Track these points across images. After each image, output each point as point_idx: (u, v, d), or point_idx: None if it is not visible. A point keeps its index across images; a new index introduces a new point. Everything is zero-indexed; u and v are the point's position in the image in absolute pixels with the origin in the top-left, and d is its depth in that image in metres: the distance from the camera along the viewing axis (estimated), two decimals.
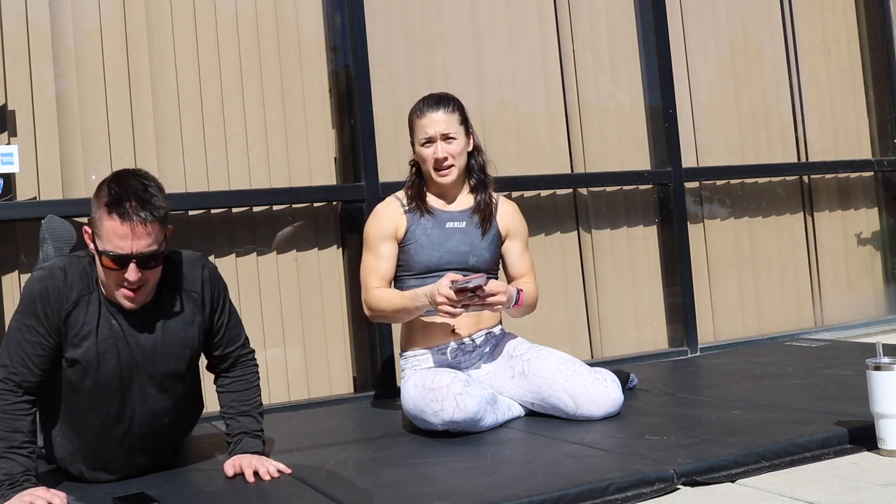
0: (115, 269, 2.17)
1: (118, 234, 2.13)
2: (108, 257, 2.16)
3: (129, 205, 2.13)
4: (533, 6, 4.13)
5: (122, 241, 2.13)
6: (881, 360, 2.26)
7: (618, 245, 4.21)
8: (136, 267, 2.16)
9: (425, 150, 2.89)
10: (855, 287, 4.82)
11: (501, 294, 2.72)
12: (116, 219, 2.13)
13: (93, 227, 2.20)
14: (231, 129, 3.53)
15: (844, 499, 1.94)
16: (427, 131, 2.87)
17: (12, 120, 3.22)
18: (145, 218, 2.14)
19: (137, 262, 2.16)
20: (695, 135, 4.43)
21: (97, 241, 2.18)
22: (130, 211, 2.12)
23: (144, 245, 2.15)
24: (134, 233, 2.13)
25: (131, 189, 2.15)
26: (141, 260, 2.16)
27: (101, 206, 2.16)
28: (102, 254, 2.16)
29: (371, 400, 3.52)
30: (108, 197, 2.14)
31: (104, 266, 2.18)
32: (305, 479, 2.29)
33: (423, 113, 2.90)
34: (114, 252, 2.14)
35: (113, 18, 3.38)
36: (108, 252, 2.15)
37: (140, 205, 2.14)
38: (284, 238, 3.60)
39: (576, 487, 2.04)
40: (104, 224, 2.14)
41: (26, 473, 2.16)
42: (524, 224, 3.08)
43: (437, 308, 2.68)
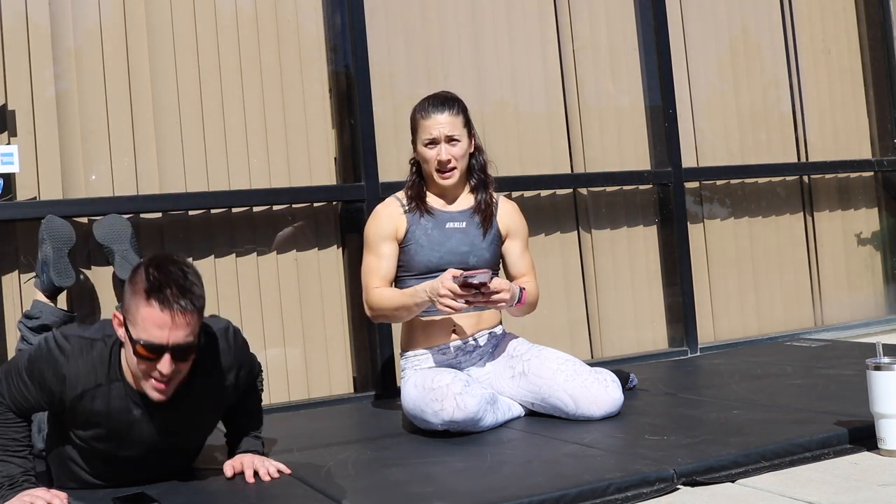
0: (148, 360, 2.05)
1: (156, 323, 2.01)
2: (143, 346, 2.03)
3: (170, 292, 2.01)
4: (533, 6, 4.13)
5: (159, 330, 2.02)
6: (881, 360, 2.26)
7: (618, 245, 4.21)
8: (171, 359, 2.05)
9: (428, 151, 2.89)
10: (855, 287, 4.82)
11: (505, 292, 2.71)
12: (156, 306, 2.01)
13: (126, 313, 2.08)
14: (231, 129, 3.53)
15: (844, 499, 1.94)
16: (431, 133, 2.87)
17: (12, 120, 3.22)
18: (185, 307, 2.02)
19: (173, 353, 2.04)
20: (695, 135, 4.43)
21: (130, 328, 2.06)
22: (171, 298, 2.01)
23: (182, 336, 2.04)
24: (173, 322, 2.02)
25: (172, 276, 2.04)
26: (177, 351, 2.05)
27: (138, 292, 2.03)
28: (136, 342, 2.04)
29: (371, 400, 3.52)
30: (147, 283, 2.02)
31: (137, 355, 2.06)
32: (305, 479, 2.29)
33: (427, 114, 2.88)
34: (149, 342, 2.03)
35: (113, 18, 3.38)
36: (143, 341, 2.03)
37: (181, 293, 2.02)
38: (284, 238, 3.60)
39: (576, 487, 2.04)
40: (140, 311, 2.02)
41: (25, 474, 2.15)
42: (524, 224, 3.08)
43: (439, 301, 2.65)
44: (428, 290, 2.71)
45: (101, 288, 3.27)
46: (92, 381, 2.15)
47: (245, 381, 2.36)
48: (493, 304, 2.74)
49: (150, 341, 2.03)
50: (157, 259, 2.11)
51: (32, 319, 2.95)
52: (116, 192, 3.33)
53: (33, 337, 2.93)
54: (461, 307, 2.67)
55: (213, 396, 2.27)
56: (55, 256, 2.97)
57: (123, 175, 3.36)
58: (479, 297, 2.66)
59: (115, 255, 3.05)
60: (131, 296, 2.06)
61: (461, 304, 2.65)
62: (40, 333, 2.93)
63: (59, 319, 2.97)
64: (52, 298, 3.01)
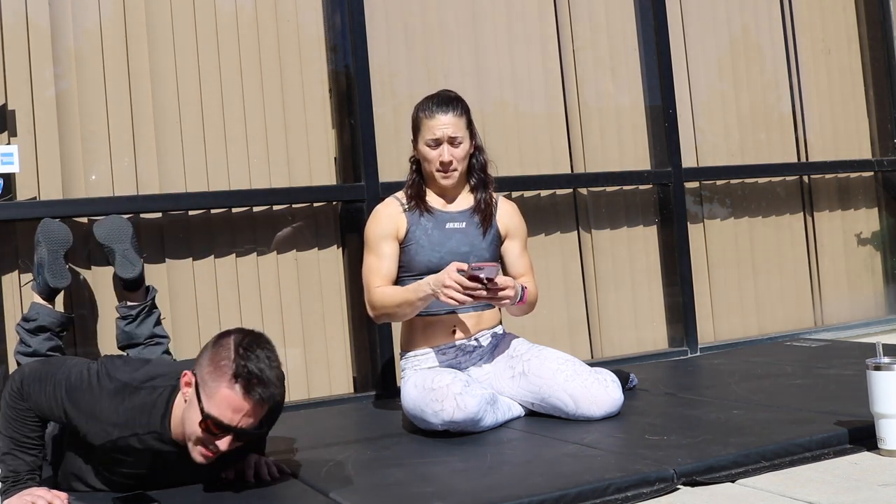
0: (208, 433, 2.05)
1: (233, 407, 2.02)
2: (213, 423, 2.03)
3: (256, 381, 2.02)
4: (533, 6, 4.13)
5: (234, 413, 2.02)
6: (881, 360, 2.26)
7: (618, 245, 4.21)
8: (232, 440, 2.06)
9: (431, 151, 2.88)
10: (855, 287, 4.82)
11: (510, 289, 2.71)
12: (239, 392, 2.02)
13: (201, 380, 2.06)
14: (231, 129, 3.53)
15: (844, 499, 1.94)
16: (434, 133, 2.86)
17: (12, 120, 3.22)
18: (266, 401, 2.04)
19: (236, 436, 2.06)
20: (695, 135, 4.43)
21: (203, 398, 2.04)
22: (256, 389, 2.02)
23: (252, 423, 2.06)
24: (250, 411, 2.03)
25: (263, 364, 2.04)
26: (240, 434, 2.06)
27: (222, 370, 2.03)
28: (207, 417, 2.03)
29: (371, 400, 3.52)
30: (236, 367, 2.02)
31: (201, 427, 2.04)
32: (305, 479, 2.29)
33: (431, 114, 2.87)
34: (220, 421, 2.02)
35: (113, 18, 3.38)
36: (214, 418, 2.02)
37: (266, 386, 2.03)
38: (284, 238, 3.60)
39: (576, 487, 2.04)
40: (221, 390, 2.02)
41: (31, 472, 2.16)
42: (523, 224, 3.08)
43: (443, 293, 2.63)
44: (432, 282, 2.69)
45: (100, 289, 3.27)
46: (128, 430, 2.14)
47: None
48: (497, 301, 2.73)
49: (221, 421, 2.03)
50: (247, 339, 2.08)
51: (30, 322, 2.95)
52: (116, 192, 3.33)
53: (31, 339, 2.93)
54: (466, 300, 2.64)
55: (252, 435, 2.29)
56: (50, 258, 2.97)
57: (123, 175, 3.36)
58: (483, 292, 2.64)
59: (116, 254, 3.06)
60: (213, 369, 2.05)
61: (466, 297, 2.63)
62: (38, 335, 2.93)
63: (56, 321, 2.97)
64: (49, 300, 3.00)
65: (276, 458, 2.42)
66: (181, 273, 3.42)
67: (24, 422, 2.16)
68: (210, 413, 2.02)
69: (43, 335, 2.94)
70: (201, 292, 3.44)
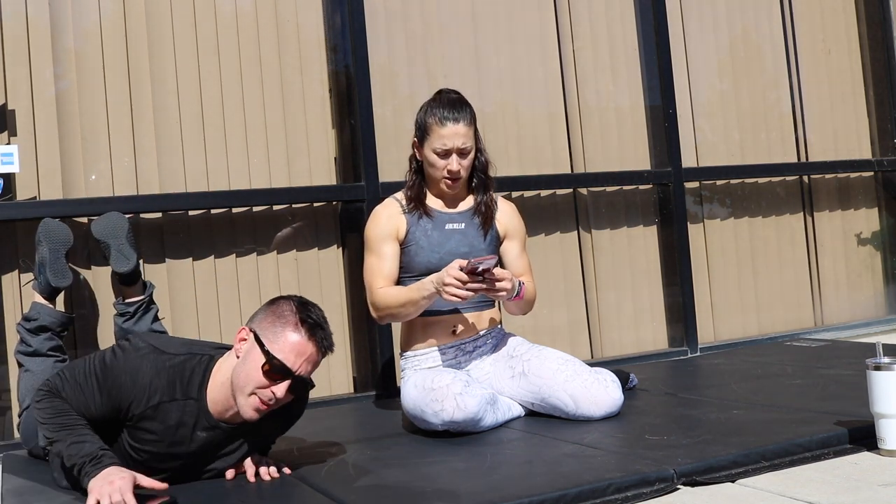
0: (269, 379, 2.09)
1: (297, 350, 2.10)
2: (275, 365, 2.09)
3: (321, 331, 2.14)
4: (533, 6, 4.13)
5: (297, 357, 2.10)
6: (881, 360, 2.26)
7: (618, 245, 4.21)
8: (289, 388, 2.11)
9: (439, 159, 2.86)
10: (855, 287, 4.82)
11: (507, 281, 2.71)
12: (304, 335, 2.11)
13: (261, 331, 2.13)
14: (231, 129, 3.53)
15: (844, 499, 1.94)
16: (445, 143, 2.83)
17: (12, 120, 3.22)
18: (326, 349, 2.16)
19: (293, 383, 2.11)
20: (695, 135, 4.43)
21: (266, 343, 2.11)
22: (319, 336, 2.13)
23: (310, 372, 2.15)
24: (310, 356, 2.12)
25: (322, 319, 2.17)
26: (297, 383, 2.13)
27: (285, 317, 2.13)
28: (271, 358, 2.09)
29: (371, 400, 3.52)
30: (300, 314, 2.13)
31: (263, 371, 2.09)
32: (305, 479, 2.29)
33: (444, 122, 2.82)
34: (283, 364, 2.09)
35: (113, 18, 3.38)
36: (277, 360, 2.09)
37: (328, 337, 2.16)
38: (284, 238, 3.60)
39: (576, 487, 2.04)
40: (287, 333, 2.11)
41: (103, 450, 2.08)
42: (522, 224, 3.08)
43: (445, 291, 2.64)
44: (434, 281, 2.70)
45: (101, 289, 3.28)
46: (168, 395, 2.14)
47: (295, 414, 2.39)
48: (495, 293, 2.73)
49: (284, 364, 2.09)
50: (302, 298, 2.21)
51: (31, 321, 2.95)
52: (116, 192, 3.33)
53: (31, 338, 2.93)
54: (467, 295, 2.65)
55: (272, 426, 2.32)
56: (51, 258, 2.97)
57: (123, 175, 3.36)
58: (482, 284, 2.65)
59: (111, 249, 3.06)
60: (276, 318, 2.14)
61: (468, 292, 2.64)
62: (39, 335, 2.94)
63: (57, 321, 2.97)
64: (50, 300, 3.01)
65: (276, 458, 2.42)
66: (181, 273, 3.42)
67: (66, 413, 2.11)
68: (273, 358, 2.08)
69: (44, 335, 2.94)
70: (201, 292, 3.44)
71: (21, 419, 2.82)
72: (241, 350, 2.15)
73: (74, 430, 2.10)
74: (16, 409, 3.02)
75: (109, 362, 2.14)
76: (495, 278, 2.67)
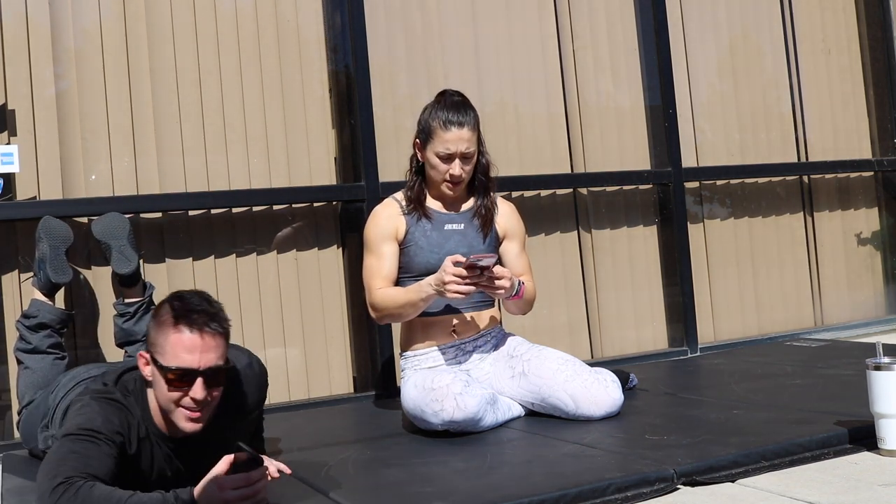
0: (179, 388, 2.00)
1: (186, 347, 1.99)
2: (175, 373, 1.99)
3: (198, 316, 2.01)
4: (533, 6, 4.13)
5: (190, 354, 1.99)
6: (881, 360, 2.26)
7: (618, 245, 4.21)
8: (203, 384, 2.01)
9: (442, 163, 2.85)
10: (855, 287, 4.82)
11: (506, 279, 2.71)
12: (185, 330, 1.99)
13: (153, 348, 2.04)
14: (231, 129, 3.53)
15: (844, 499, 1.94)
16: (448, 148, 2.83)
17: (12, 120, 3.22)
18: (215, 329, 2.02)
19: (205, 378, 2.01)
20: (695, 135, 4.43)
21: (159, 359, 2.01)
22: (199, 322, 2.00)
23: (213, 359, 2.02)
24: (203, 344, 2.00)
25: (197, 303, 2.04)
26: (208, 376, 2.01)
27: (165, 323, 2.01)
28: (167, 371, 1.99)
29: (371, 400, 3.52)
30: (174, 311, 2.01)
31: (169, 383, 2.00)
32: (305, 479, 2.28)
33: (448, 127, 2.81)
34: (181, 367, 1.99)
35: (113, 18, 3.38)
36: (174, 367, 1.99)
37: (209, 317, 2.02)
38: (284, 238, 3.60)
39: (576, 487, 2.04)
40: (170, 339, 2.00)
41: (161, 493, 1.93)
42: (522, 225, 3.08)
43: (446, 289, 2.63)
44: (433, 283, 2.69)
45: (101, 288, 3.28)
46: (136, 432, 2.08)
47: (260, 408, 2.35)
48: (495, 291, 2.73)
49: (182, 366, 1.99)
50: (178, 292, 2.10)
51: (30, 318, 2.95)
52: (116, 192, 3.33)
53: (31, 335, 2.93)
54: (470, 290, 2.65)
55: (238, 430, 2.25)
56: (52, 254, 2.97)
57: (123, 175, 3.36)
58: (482, 280, 2.65)
59: (112, 250, 3.06)
60: (158, 328, 2.03)
61: (469, 287, 2.64)
62: (38, 332, 2.93)
63: (56, 318, 2.97)
64: (49, 297, 3.01)
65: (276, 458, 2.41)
66: (181, 273, 3.42)
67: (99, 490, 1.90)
68: (170, 365, 1.99)
69: (43, 332, 2.94)
70: None
71: (21, 417, 2.82)
72: (148, 374, 2.07)
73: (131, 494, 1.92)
74: (16, 409, 3.02)
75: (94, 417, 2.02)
76: (495, 276, 2.67)
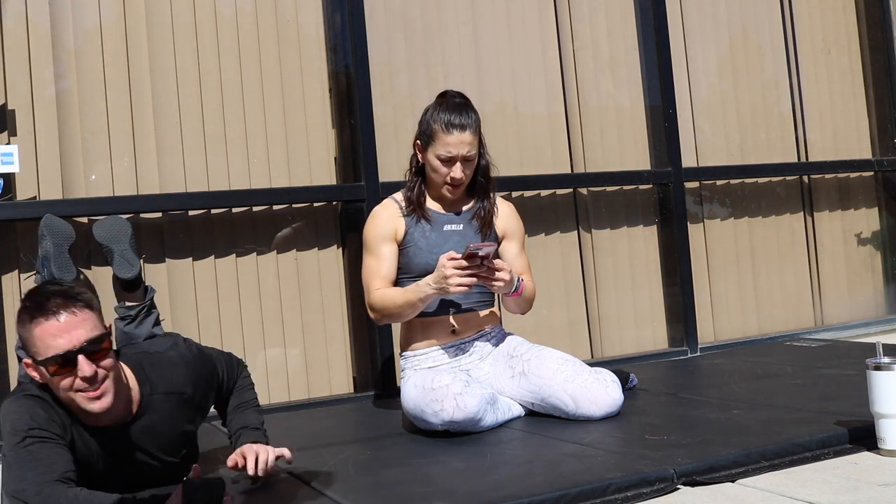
0: (66, 374, 1.95)
1: (52, 334, 1.93)
2: (53, 362, 1.94)
3: (50, 302, 1.95)
4: (533, 6, 4.13)
5: (58, 339, 1.93)
6: (881, 360, 2.26)
7: (618, 245, 4.21)
8: (87, 359, 1.95)
9: (442, 165, 2.85)
10: (855, 287, 4.82)
11: (505, 272, 2.71)
12: (42, 320, 1.93)
13: (28, 350, 1.98)
14: (231, 129, 3.53)
15: (844, 499, 1.94)
16: (450, 151, 2.82)
17: (12, 120, 3.22)
18: (71, 306, 1.95)
19: (85, 353, 1.95)
20: (695, 135, 4.43)
21: (36, 356, 1.96)
22: (54, 307, 1.94)
23: (85, 334, 1.95)
24: (67, 325, 1.94)
25: (47, 291, 1.99)
26: (87, 350, 1.95)
27: (24, 322, 1.96)
28: (46, 363, 1.94)
29: (371, 400, 3.52)
30: (28, 308, 1.97)
31: (54, 375, 1.95)
32: (305, 479, 2.29)
33: (450, 130, 2.81)
34: (55, 355, 1.93)
35: (113, 18, 3.38)
36: (50, 358, 1.93)
37: (62, 298, 1.96)
38: (284, 238, 3.60)
39: (576, 487, 2.04)
40: (34, 333, 1.94)
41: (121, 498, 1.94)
42: (521, 224, 3.08)
43: (448, 283, 2.64)
44: (432, 282, 2.70)
45: (101, 288, 3.27)
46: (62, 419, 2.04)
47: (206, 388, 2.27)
48: (494, 283, 2.72)
49: (56, 354, 1.94)
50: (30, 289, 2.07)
51: None
52: (116, 192, 3.33)
53: None
54: (472, 282, 2.66)
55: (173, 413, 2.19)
56: (56, 252, 2.98)
57: (123, 175, 3.36)
58: (482, 270, 2.66)
59: (115, 254, 3.06)
60: (23, 329, 1.98)
61: (471, 279, 2.64)
62: None
63: None
64: None
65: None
66: (181, 273, 3.42)
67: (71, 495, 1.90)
68: (46, 357, 1.94)
69: None
70: (201, 292, 3.44)
71: None
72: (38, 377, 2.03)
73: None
74: None
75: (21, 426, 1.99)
76: (495, 267, 2.68)
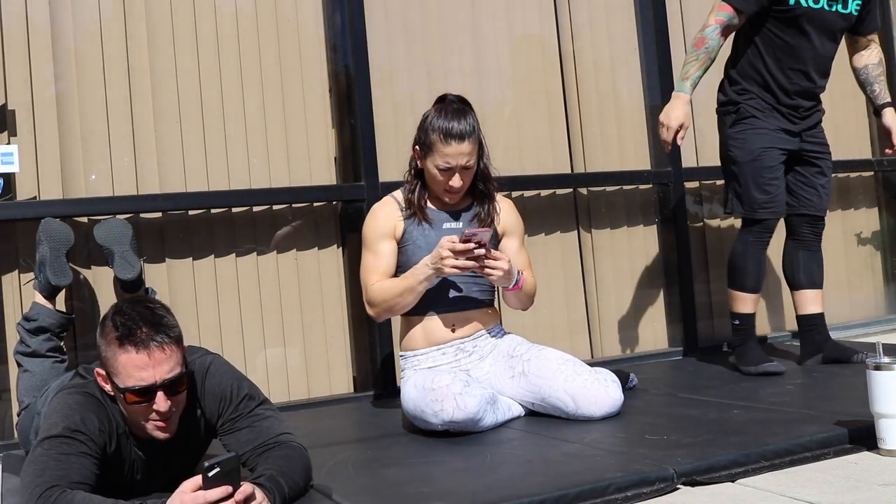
0: (141, 403, 2.00)
1: (137, 366, 1.97)
2: (133, 394, 1.99)
3: (141, 332, 1.97)
4: (533, 6, 4.13)
5: (143, 372, 1.97)
6: (881, 360, 2.26)
7: (618, 245, 4.21)
8: (165, 396, 2.00)
9: (441, 174, 2.84)
10: (855, 287, 4.81)
11: (503, 261, 2.73)
12: (131, 350, 1.97)
13: (106, 367, 2.03)
14: (231, 129, 3.53)
15: (844, 499, 1.94)
16: (449, 162, 2.81)
17: (12, 120, 3.22)
18: (161, 341, 1.98)
19: (164, 390, 2.00)
20: (695, 135, 4.42)
21: (115, 379, 2.01)
22: (144, 337, 1.97)
23: (167, 370, 2.00)
24: (153, 360, 1.97)
25: (139, 315, 2.00)
26: (168, 387, 2.00)
27: (111, 343, 1.99)
28: (125, 391, 1.99)
29: (371, 400, 3.52)
30: (117, 331, 1.98)
31: (129, 403, 2.01)
32: None
33: (448, 141, 2.79)
34: (136, 387, 1.98)
35: (113, 18, 3.38)
36: (131, 388, 1.98)
37: (153, 329, 1.98)
38: (284, 238, 3.60)
39: (576, 487, 2.04)
40: (119, 360, 1.98)
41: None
42: (520, 221, 3.08)
43: (443, 264, 2.66)
44: (429, 262, 2.72)
45: (101, 289, 3.27)
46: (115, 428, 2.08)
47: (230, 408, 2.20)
48: (491, 271, 2.73)
49: (137, 386, 1.98)
50: (119, 304, 2.08)
51: (30, 321, 2.95)
52: (116, 192, 3.33)
53: (31, 339, 2.92)
54: (466, 265, 2.67)
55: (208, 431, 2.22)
56: (52, 256, 2.97)
57: (123, 175, 3.36)
58: (479, 258, 2.68)
59: (115, 255, 3.06)
60: (107, 348, 2.01)
61: (465, 262, 2.66)
62: (38, 335, 2.93)
63: (56, 321, 2.97)
64: (50, 299, 3.00)
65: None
66: (181, 273, 3.42)
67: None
68: (126, 386, 1.98)
69: (43, 335, 2.94)
70: (201, 292, 3.44)
71: (19, 419, 2.82)
72: (109, 390, 2.06)
73: None
74: (15, 409, 3.02)
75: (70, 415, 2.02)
76: (492, 256, 2.69)
